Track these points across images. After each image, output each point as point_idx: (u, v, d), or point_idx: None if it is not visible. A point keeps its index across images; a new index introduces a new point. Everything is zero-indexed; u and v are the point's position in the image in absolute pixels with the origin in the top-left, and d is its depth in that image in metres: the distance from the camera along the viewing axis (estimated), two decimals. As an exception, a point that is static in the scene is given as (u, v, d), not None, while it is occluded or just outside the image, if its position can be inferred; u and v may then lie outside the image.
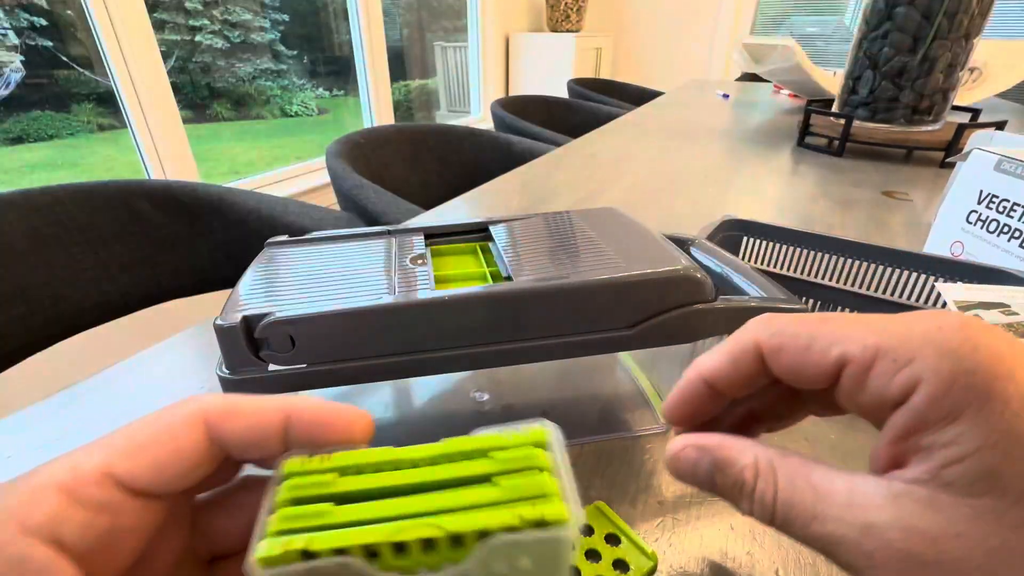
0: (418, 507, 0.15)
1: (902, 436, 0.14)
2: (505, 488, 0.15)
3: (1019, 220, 0.40)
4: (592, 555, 0.24)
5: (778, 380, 0.18)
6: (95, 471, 0.14)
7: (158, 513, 0.15)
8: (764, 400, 0.20)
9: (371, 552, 0.14)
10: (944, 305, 0.30)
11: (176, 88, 1.49)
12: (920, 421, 0.13)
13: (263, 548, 0.13)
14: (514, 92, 3.12)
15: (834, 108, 0.99)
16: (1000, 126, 0.84)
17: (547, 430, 0.16)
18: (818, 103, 1.08)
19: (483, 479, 0.15)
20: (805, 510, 0.14)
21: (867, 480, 0.14)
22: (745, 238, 0.45)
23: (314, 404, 0.16)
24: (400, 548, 0.14)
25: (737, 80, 2.09)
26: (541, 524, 0.14)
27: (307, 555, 0.14)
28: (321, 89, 2.42)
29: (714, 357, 0.18)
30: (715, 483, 0.17)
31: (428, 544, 0.14)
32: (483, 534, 0.14)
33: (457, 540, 0.14)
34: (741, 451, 0.16)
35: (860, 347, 0.14)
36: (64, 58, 1.48)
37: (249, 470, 0.18)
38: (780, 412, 0.20)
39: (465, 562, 0.14)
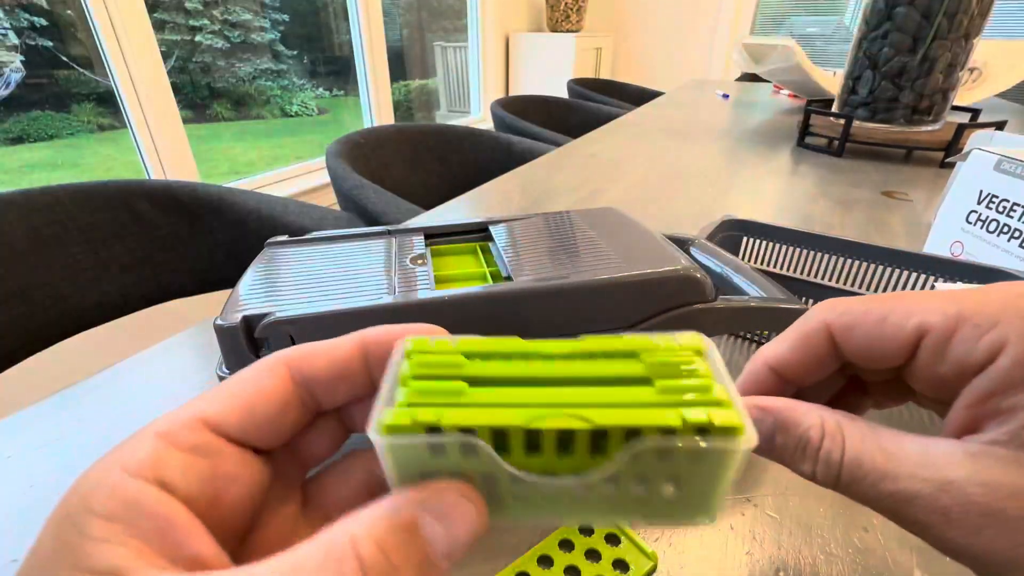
0: (559, 398, 0.13)
1: (982, 399, 0.14)
2: (662, 389, 0.13)
3: (1019, 220, 0.40)
4: (592, 555, 0.24)
5: (844, 367, 0.18)
6: (188, 418, 0.14)
7: (263, 469, 0.15)
8: (825, 394, 0.20)
9: (501, 444, 0.13)
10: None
11: (176, 88, 1.49)
12: (1005, 382, 0.13)
13: (390, 416, 0.12)
14: (514, 92, 3.12)
15: (834, 108, 0.99)
16: (1000, 126, 0.84)
17: (705, 339, 0.14)
18: (818, 103, 1.08)
19: (634, 380, 0.13)
20: (875, 468, 0.14)
21: (940, 442, 0.14)
22: (745, 238, 0.45)
23: (386, 327, 0.16)
24: (533, 444, 0.13)
25: (737, 80, 2.09)
26: (707, 431, 0.12)
27: (432, 430, 0.12)
28: (321, 89, 2.42)
29: (780, 344, 0.18)
30: (775, 444, 0.16)
31: (564, 443, 0.13)
32: (632, 433, 0.12)
33: (599, 443, 0.13)
34: (806, 412, 0.16)
35: (941, 315, 0.14)
36: (64, 58, 1.48)
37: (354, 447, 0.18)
38: (843, 406, 0.20)
39: (605, 468, 0.12)
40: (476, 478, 0.13)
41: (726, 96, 1.57)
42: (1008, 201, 0.41)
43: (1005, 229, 0.41)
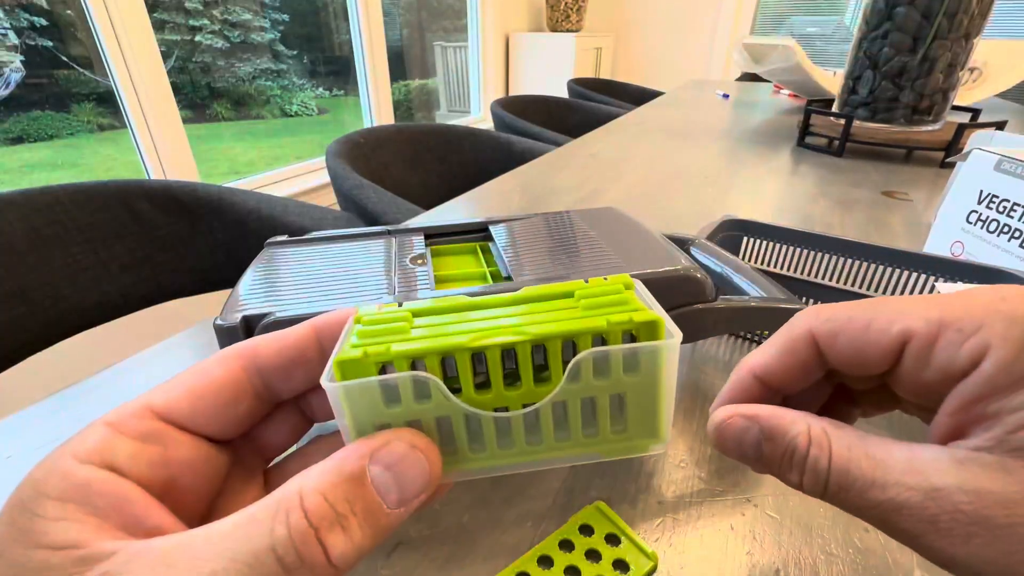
0: (500, 325, 0.14)
1: (967, 404, 0.13)
2: (589, 303, 0.15)
3: (1019, 220, 0.40)
4: (592, 555, 0.24)
5: (830, 375, 0.17)
6: (137, 407, 0.15)
7: (219, 457, 0.16)
8: (813, 404, 0.19)
9: (451, 385, 0.14)
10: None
11: (176, 88, 1.49)
12: (989, 387, 0.13)
13: (342, 354, 0.14)
14: (514, 92, 3.12)
15: (834, 108, 0.99)
16: (1000, 126, 0.84)
17: (632, 279, 0.16)
18: (818, 103, 1.08)
19: (567, 307, 0.15)
20: (863, 476, 0.14)
21: (927, 448, 0.14)
22: (745, 238, 0.45)
23: (336, 311, 0.17)
24: (481, 377, 0.14)
25: (737, 80, 2.09)
26: (633, 331, 0.14)
27: (383, 370, 0.13)
28: (321, 89, 2.41)
29: (765, 352, 0.17)
30: (762, 453, 0.16)
31: (510, 375, 0.14)
32: (569, 342, 0.14)
33: (542, 375, 0.14)
34: (792, 421, 0.16)
35: (923, 321, 0.14)
36: (64, 58, 1.48)
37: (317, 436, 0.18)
38: (830, 416, 0.20)
39: (551, 391, 0.14)
40: (431, 427, 0.14)
41: (726, 96, 1.57)
42: (1008, 201, 0.41)
43: (1005, 229, 0.41)
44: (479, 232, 0.35)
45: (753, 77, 1.99)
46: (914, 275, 0.39)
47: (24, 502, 0.13)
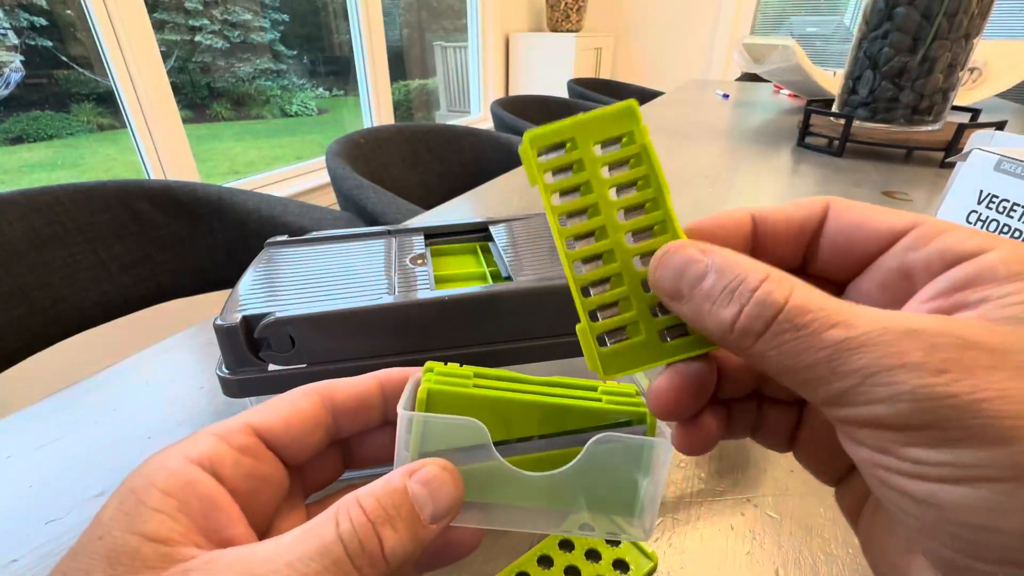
0: (540, 393, 0.19)
1: (952, 289, 0.13)
2: (608, 400, 0.19)
3: (1019, 220, 0.40)
4: (592, 555, 0.24)
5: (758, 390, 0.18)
6: (238, 423, 0.17)
7: (286, 478, 0.18)
8: (745, 416, 0.19)
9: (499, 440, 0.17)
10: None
11: (176, 88, 1.49)
12: (987, 273, 0.12)
13: (427, 383, 0.17)
14: (514, 92, 3.12)
15: (834, 108, 0.99)
16: (1000, 126, 0.84)
17: (637, 382, 0.21)
18: (818, 103, 1.08)
19: (591, 398, 0.19)
20: (825, 314, 0.12)
21: (912, 308, 0.14)
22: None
23: (397, 370, 0.20)
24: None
25: (737, 80, 2.09)
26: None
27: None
28: (321, 89, 2.41)
29: (772, 206, 0.17)
30: (701, 288, 0.14)
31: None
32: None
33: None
34: (752, 264, 0.14)
35: (934, 222, 0.14)
36: (64, 58, 1.48)
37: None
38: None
39: (574, 460, 0.17)
40: (464, 465, 0.17)
41: (726, 96, 1.57)
42: (1008, 201, 0.41)
43: (1005, 229, 0.41)
44: (479, 232, 0.35)
45: (753, 77, 1.99)
46: (914, 275, 0.39)
47: (134, 489, 0.14)
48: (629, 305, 0.16)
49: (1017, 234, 0.40)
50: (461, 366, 0.19)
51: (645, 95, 1.99)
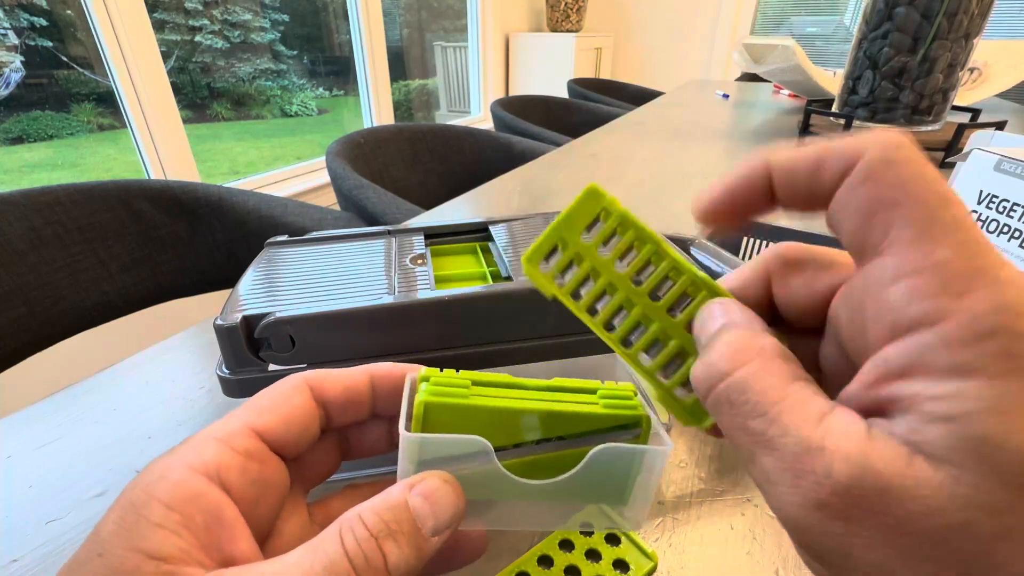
0: (538, 398, 0.18)
1: (883, 378, 0.11)
2: (606, 404, 0.19)
3: (1019, 220, 0.40)
4: (592, 555, 0.24)
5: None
6: (241, 426, 0.16)
7: (287, 478, 0.18)
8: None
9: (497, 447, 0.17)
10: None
11: (176, 88, 1.49)
12: (918, 362, 0.10)
13: (422, 396, 0.17)
14: (514, 92, 3.12)
15: (834, 108, 0.99)
16: (1000, 126, 0.84)
17: (634, 385, 0.20)
18: (818, 103, 1.08)
19: (589, 402, 0.19)
20: (757, 402, 0.12)
21: (846, 414, 0.11)
22: (745, 238, 0.45)
23: (388, 365, 0.20)
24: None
25: (737, 80, 2.09)
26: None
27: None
28: (321, 89, 2.41)
29: (790, 151, 0.14)
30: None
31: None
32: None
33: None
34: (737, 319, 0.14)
35: (906, 247, 0.11)
36: (64, 58, 1.48)
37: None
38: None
39: (573, 469, 0.18)
40: (465, 469, 0.17)
41: (726, 96, 1.57)
42: (1008, 201, 0.41)
43: (1005, 229, 0.41)
44: (479, 232, 0.35)
45: (753, 77, 1.99)
46: (914, 275, 0.39)
47: (135, 502, 0.14)
48: (684, 358, 0.16)
49: (1017, 234, 0.40)
50: (457, 372, 0.18)
51: (645, 95, 1.99)
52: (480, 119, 3.06)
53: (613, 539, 0.25)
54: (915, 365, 0.10)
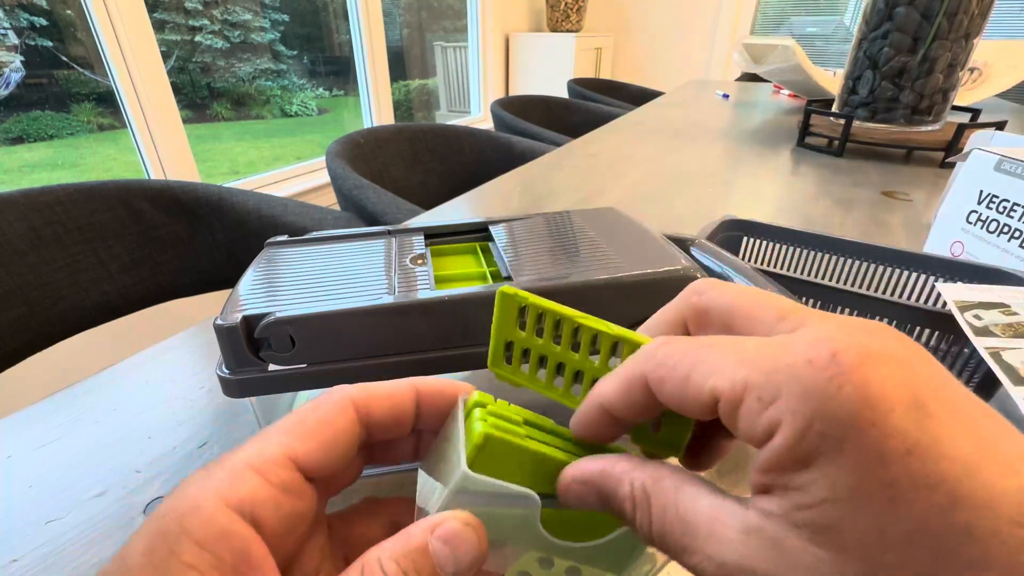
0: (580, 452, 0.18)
1: (765, 471, 0.13)
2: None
3: (1019, 220, 0.40)
4: (592, 555, 0.24)
5: None
6: (280, 455, 0.16)
7: (316, 505, 0.17)
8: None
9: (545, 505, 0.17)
10: (944, 305, 0.30)
11: (176, 88, 1.49)
12: (778, 463, 0.13)
13: (482, 427, 0.16)
14: (514, 92, 3.12)
15: (834, 108, 0.99)
16: (1000, 126, 0.84)
17: None
18: (818, 103, 1.08)
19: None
20: (675, 542, 0.14)
21: (730, 509, 0.14)
22: (745, 238, 0.45)
23: (433, 379, 0.19)
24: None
25: (737, 80, 2.09)
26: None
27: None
28: (321, 89, 2.42)
29: (609, 384, 0.17)
30: (610, 510, 0.16)
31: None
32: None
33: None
34: (619, 481, 0.16)
35: (729, 382, 0.13)
36: (64, 58, 1.48)
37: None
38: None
39: (602, 539, 0.17)
40: (494, 513, 0.16)
41: (726, 96, 1.57)
42: (1008, 201, 0.41)
43: (1005, 229, 0.41)
44: (479, 232, 0.35)
45: (753, 77, 1.99)
46: (914, 275, 0.39)
47: (166, 535, 0.13)
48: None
49: (1017, 234, 0.40)
50: (509, 404, 0.18)
51: (645, 95, 1.99)
52: (480, 119, 3.06)
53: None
54: (775, 464, 0.13)
